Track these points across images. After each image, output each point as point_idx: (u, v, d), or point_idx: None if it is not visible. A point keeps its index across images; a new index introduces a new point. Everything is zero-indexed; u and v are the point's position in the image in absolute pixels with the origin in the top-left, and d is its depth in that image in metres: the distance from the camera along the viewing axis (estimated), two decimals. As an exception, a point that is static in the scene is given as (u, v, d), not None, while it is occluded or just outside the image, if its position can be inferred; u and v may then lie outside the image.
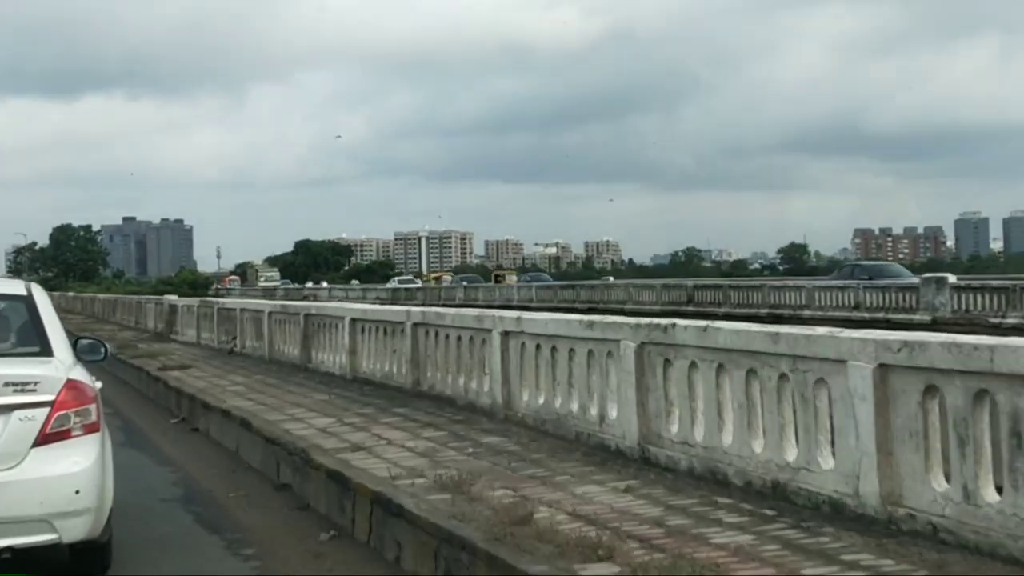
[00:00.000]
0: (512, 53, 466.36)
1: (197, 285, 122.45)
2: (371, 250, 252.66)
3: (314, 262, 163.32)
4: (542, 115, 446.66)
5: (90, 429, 6.17)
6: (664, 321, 8.12)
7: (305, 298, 67.60)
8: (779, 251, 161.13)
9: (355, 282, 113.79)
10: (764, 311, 43.30)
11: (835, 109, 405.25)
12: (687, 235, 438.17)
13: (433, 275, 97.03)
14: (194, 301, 28.96)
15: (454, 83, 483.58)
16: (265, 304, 23.55)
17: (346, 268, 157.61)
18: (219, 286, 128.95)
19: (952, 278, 34.00)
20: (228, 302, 27.02)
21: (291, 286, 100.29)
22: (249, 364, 19.76)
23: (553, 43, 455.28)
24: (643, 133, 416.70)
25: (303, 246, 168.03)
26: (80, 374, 6.43)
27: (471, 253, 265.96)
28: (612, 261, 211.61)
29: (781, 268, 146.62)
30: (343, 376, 15.51)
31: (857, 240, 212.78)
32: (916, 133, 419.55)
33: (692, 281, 53.51)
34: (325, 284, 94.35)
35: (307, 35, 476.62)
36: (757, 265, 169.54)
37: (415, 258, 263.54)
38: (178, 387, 15.81)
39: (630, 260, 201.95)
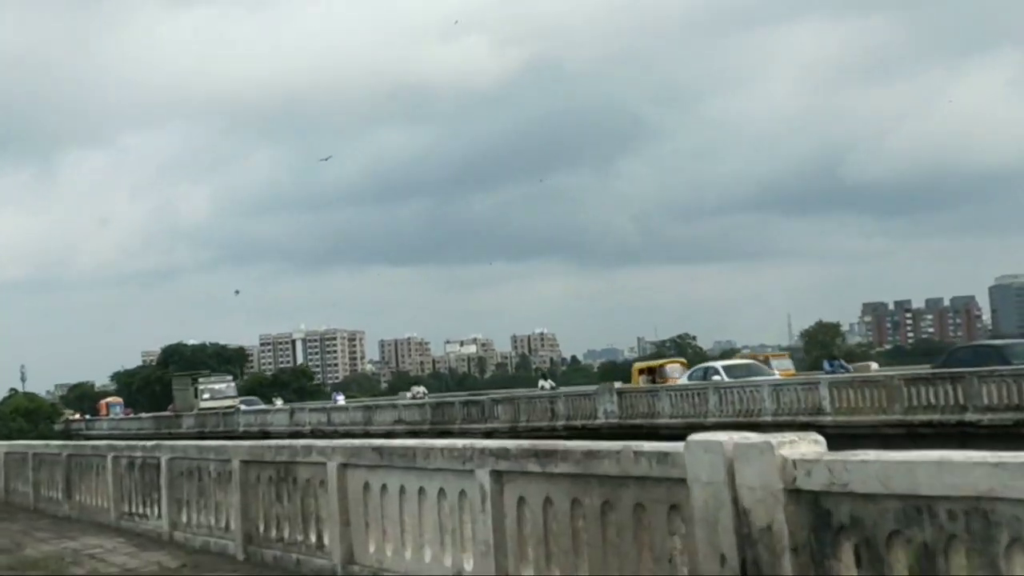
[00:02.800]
0: (405, 97, 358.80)
1: (38, 417, 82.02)
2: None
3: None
4: (441, 176, 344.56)
5: None
6: None
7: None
8: (802, 333, 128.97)
9: (252, 397, 76.12)
10: None
11: (813, 153, 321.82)
12: (630, 323, 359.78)
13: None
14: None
15: (328, 139, 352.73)
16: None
17: (241, 380, 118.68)
18: (72, 416, 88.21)
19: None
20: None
21: (260, 407, 61.20)
22: None
23: (457, 82, 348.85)
24: (572, 195, 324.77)
25: (174, 354, 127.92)
26: None
27: (362, 357, 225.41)
28: (551, 359, 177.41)
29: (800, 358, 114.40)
30: None
31: (867, 318, 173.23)
32: (916, 180, 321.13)
33: None
34: (343, 399, 56.28)
35: (136, 85, 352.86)
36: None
37: (288, 365, 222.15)
38: None
39: (572, 357, 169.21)
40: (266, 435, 52.61)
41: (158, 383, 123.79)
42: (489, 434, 39.44)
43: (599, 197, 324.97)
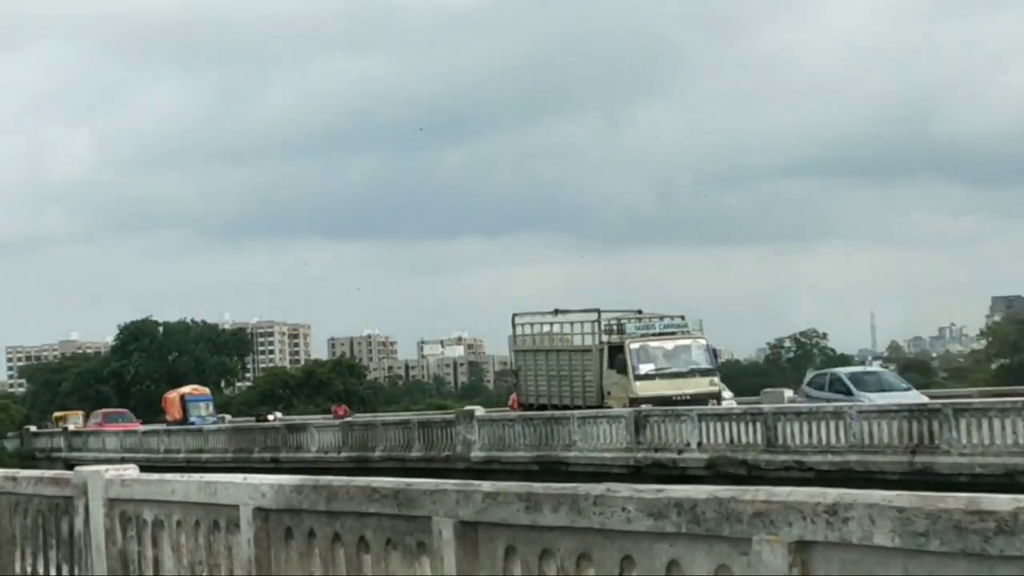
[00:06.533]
0: (359, 16, 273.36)
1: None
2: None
3: (168, 369, 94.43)
4: (400, 121, 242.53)
5: None
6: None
7: None
8: (986, 330, 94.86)
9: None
10: None
11: (896, 99, 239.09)
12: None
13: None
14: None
15: (254, 69, 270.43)
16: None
17: (246, 380, 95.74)
18: (39, 426, 60.52)
19: None
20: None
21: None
22: None
23: None
24: (570, 150, 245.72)
25: (141, 335, 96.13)
26: None
27: (308, 359, 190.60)
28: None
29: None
30: None
31: (998, 317, 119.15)
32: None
33: None
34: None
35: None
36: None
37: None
38: None
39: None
40: (557, 467, 28.59)
41: (113, 379, 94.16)
42: None
43: (607, 153, 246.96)
